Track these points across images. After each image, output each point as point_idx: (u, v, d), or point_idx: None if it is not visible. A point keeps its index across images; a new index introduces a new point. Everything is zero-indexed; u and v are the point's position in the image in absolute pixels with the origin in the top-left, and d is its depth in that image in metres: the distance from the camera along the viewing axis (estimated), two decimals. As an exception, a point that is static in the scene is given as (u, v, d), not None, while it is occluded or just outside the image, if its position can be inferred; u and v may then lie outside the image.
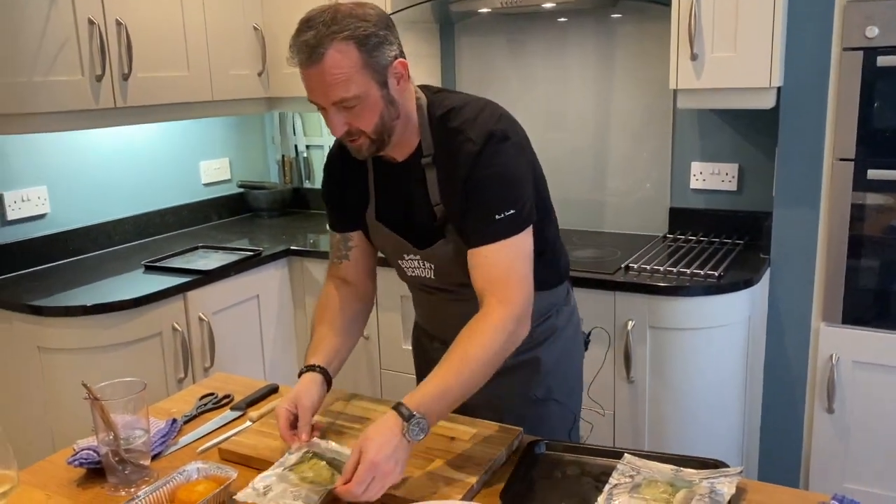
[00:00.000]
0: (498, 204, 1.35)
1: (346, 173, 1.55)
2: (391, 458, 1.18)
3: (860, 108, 2.21)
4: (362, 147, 1.38)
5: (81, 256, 2.87)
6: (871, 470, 2.39)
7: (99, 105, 2.46)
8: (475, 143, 1.37)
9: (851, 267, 2.32)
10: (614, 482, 1.24)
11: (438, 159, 1.42)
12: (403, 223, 1.50)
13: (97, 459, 1.34)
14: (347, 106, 1.31)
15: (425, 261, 1.50)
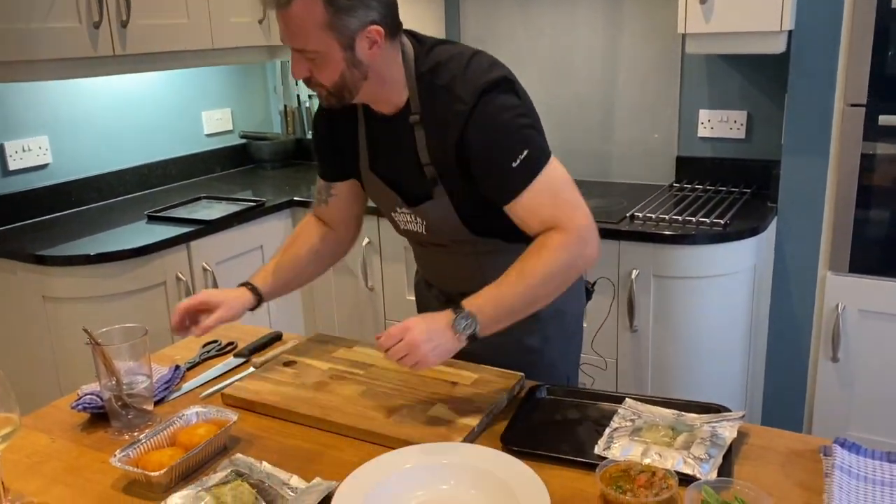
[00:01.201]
0: (509, 153, 1.31)
1: (336, 123, 1.53)
2: (430, 342, 1.23)
3: (873, 51, 2.16)
4: (321, 95, 1.37)
5: (84, 207, 2.86)
6: (874, 417, 2.39)
7: (97, 53, 2.42)
8: (465, 102, 1.31)
9: (860, 215, 2.29)
10: (615, 426, 1.24)
11: (426, 119, 1.37)
12: (394, 177, 1.48)
13: (100, 404, 1.35)
14: (308, 57, 1.29)
15: (417, 216, 1.48)
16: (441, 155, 1.37)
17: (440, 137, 1.36)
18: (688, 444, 1.17)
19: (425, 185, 1.42)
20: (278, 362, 1.52)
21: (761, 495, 1.02)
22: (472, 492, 1.09)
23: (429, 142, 1.38)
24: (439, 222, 1.45)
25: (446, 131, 1.34)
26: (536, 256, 1.30)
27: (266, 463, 1.16)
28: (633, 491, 1.05)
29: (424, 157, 1.39)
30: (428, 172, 1.40)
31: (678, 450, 1.15)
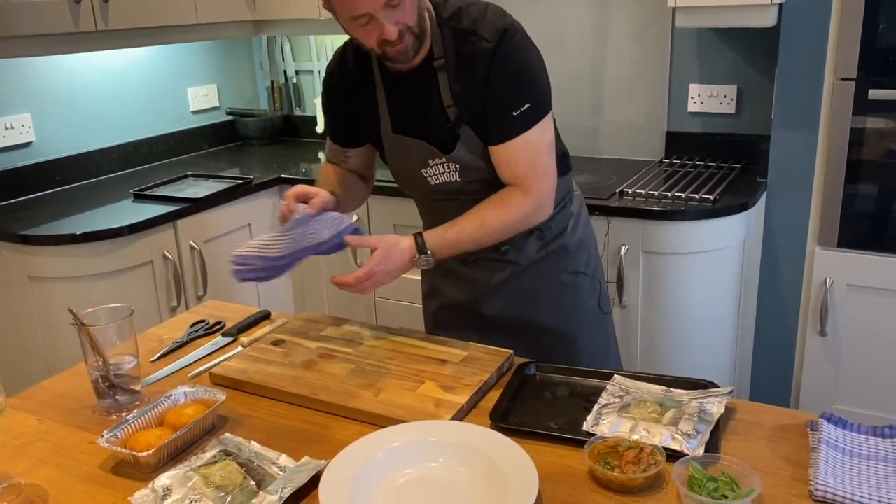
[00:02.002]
0: (514, 100, 1.40)
1: (351, 91, 1.54)
2: (389, 273, 1.41)
3: (863, 26, 2.15)
4: (408, 47, 1.38)
5: (68, 186, 2.83)
6: (861, 391, 2.41)
7: (79, 28, 2.38)
8: (489, 41, 1.39)
9: (849, 190, 2.29)
10: (603, 402, 1.25)
11: (450, 61, 1.43)
12: (423, 130, 1.50)
13: (262, 268, 1.43)
14: (393, 5, 1.31)
15: (451, 162, 1.49)
16: (468, 94, 1.43)
17: (467, 77, 1.42)
18: (676, 420, 1.17)
19: (450, 130, 1.46)
20: (266, 341, 1.51)
21: (748, 470, 1.03)
22: (460, 469, 1.09)
23: (452, 84, 1.43)
24: (471, 163, 1.48)
25: (474, 69, 1.40)
26: (498, 210, 1.45)
27: (255, 442, 1.16)
28: (621, 467, 1.06)
29: (447, 99, 1.44)
30: (451, 114, 1.45)
31: (666, 426, 1.16)
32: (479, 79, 1.40)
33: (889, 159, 2.23)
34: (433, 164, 1.51)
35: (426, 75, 1.45)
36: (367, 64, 1.52)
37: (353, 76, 1.52)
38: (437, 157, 1.50)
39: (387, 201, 2.70)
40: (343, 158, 1.65)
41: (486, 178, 1.50)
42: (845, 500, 1.00)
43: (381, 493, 1.06)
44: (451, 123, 1.46)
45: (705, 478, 1.02)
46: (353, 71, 1.53)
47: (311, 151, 3.35)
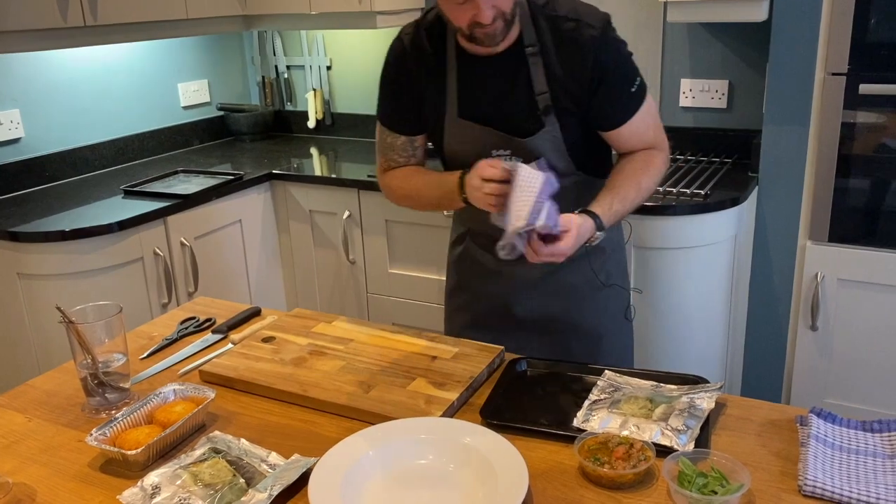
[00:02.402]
0: (629, 78, 1.47)
1: (419, 70, 1.51)
2: (570, 250, 1.33)
3: (854, 20, 2.15)
4: (497, 31, 1.37)
5: (58, 182, 2.81)
6: (852, 385, 2.42)
7: (67, 23, 2.36)
8: (595, 27, 1.42)
9: (840, 185, 2.30)
10: (594, 398, 1.25)
11: (547, 48, 1.44)
12: (491, 120, 1.49)
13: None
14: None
15: (514, 155, 1.49)
16: (570, 80, 1.44)
17: (571, 63, 1.43)
18: (666, 415, 1.17)
19: (534, 117, 1.46)
20: (257, 338, 1.51)
21: (738, 466, 1.03)
22: (450, 466, 1.09)
23: (547, 71, 1.44)
24: (541, 153, 1.47)
25: (579, 56, 1.42)
26: (648, 171, 1.49)
27: (244, 440, 1.15)
28: (610, 463, 1.06)
29: (541, 86, 1.44)
30: (541, 101, 1.45)
31: (656, 421, 1.16)
32: (587, 65, 1.42)
33: (880, 154, 2.23)
34: (496, 155, 1.50)
35: (512, 61, 1.45)
36: (440, 46, 1.49)
37: (422, 59, 1.50)
38: (503, 145, 1.49)
39: (379, 197, 2.69)
40: (412, 151, 1.62)
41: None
42: (834, 494, 1.00)
43: (371, 490, 1.05)
44: (538, 111, 1.46)
45: (695, 473, 1.02)
46: (424, 53, 1.50)
47: (302, 146, 3.34)
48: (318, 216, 2.86)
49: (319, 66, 3.42)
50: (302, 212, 2.88)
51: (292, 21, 3.03)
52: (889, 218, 2.26)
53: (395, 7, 2.88)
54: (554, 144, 1.48)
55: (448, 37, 1.48)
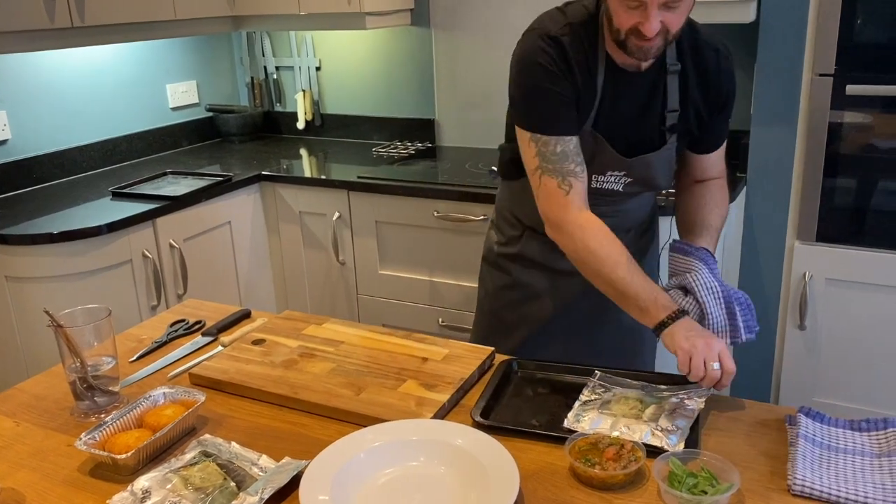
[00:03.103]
0: (731, 111, 1.56)
1: (574, 74, 1.43)
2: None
3: (841, 22, 2.17)
4: (653, 47, 1.35)
5: (46, 184, 2.80)
6: (840, 384, 2.44)
7: (55, 24, 2.35)
8: (730, 59, 1.51)
9: (827, 185, 2.31)
10: (584, 399, 1.25)
11: (688, 69, 1.47)
12: (618, 134, 1.48)
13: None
14: (671, 7, 1.30)
15: (627, 176, 1.52)
16: (705, 104, 1.50)
17: (710, 88, 1.49)
18: (656, 416, 1.18)
19: (659, 133, 1.50)
20: (247, 341, 1.50)
21: (727, 466, 1.04)
22: (441, 468, 1.09)
23: (682, 91, 1.48)
24: (655, 169, 1.52)
25: (718, 84, 1.49)
26: (727, 206, 1.61)
27: (235, 443, 1.15)
28: (601, 464, 1.06)
29: (674, 103, 1.48)
30: (670, 118, 1.49)
31: (646, 422, 1.16)
32: (722, 93, 1.50)
33: (867, 154, 2.25)
34: (610, 174, 1.51)
35: (653, 77, 1.46)
36: (594, 51, 1.43)
37: (578, 59, 1.42)
38: (619, 167, 1.50)
39: (368, 198, 2.69)
40: (583, 156, 1.46)
41: (643, 192, 1.60)
42: (823, 493, 1.01)
43: (362, 492, 1.05)
44: (665, 127, 1.49)
45: (685, 474, 1.03)
46: (581, 54, 1.42)
47: (292, 147, 3.34)
48: (307, 217, 2.85)
49: (309, 67, 3.41)
50: (291, 213, 2.87)
51: (281, 22, 3.03)
52: (876, 218, 2.27)
53: (384, 8, 2.89)
54: (667, 162, 1.54)
55: (599, 42, 1.43)
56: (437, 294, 2.70)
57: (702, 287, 1.31)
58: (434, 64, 3.12)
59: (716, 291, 1.31)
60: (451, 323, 2.68)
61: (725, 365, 1.23)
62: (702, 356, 1.23)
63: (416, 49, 3.16)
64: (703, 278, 1.33)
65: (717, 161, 1.62)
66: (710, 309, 1.31)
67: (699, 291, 1.31)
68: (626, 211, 1.63)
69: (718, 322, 1.32)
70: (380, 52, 3.24)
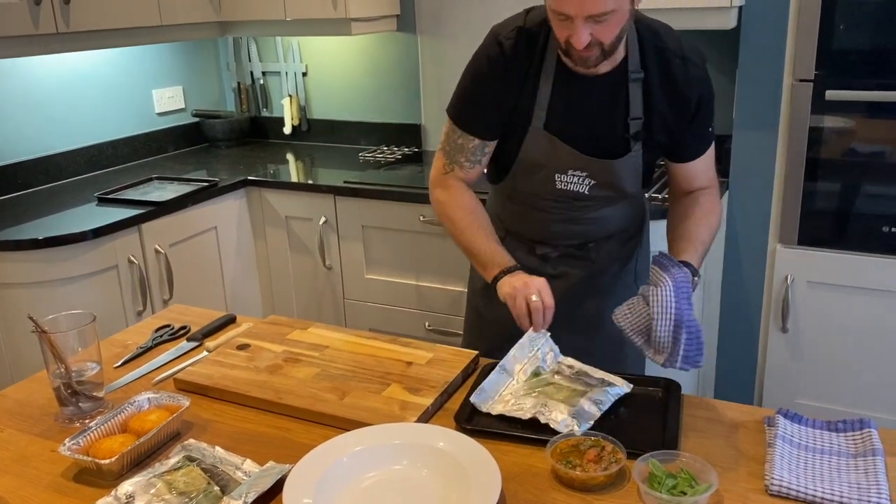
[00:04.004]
0: (711, 119, 1.56)
1: (514, 76, 1.49)
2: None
3: (820, 28, 2.19)
4: (591, 58, 1.38)
5: (31, 190, 2.79)
6: (822, 386, 2.46)
7: (39, 30, 2.35)
8: (699, 66, 1.49)
9: (808, 189, 2.34)
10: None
11: (653, 77, 1.47)
12: (576, 136, 1.50)
13: None
14: (598, 20, 1.31)
15: (590, 178, 1.53)
16: (671, 112, 1.49)
17: (676, 97, 1.48)
18: (575, 401, 1.24)
19: (622, 141, 1.50)
20: (232, 346, 1.51)
21: (706, 467, 1.05)
22: (424, 472, 1.10)
23: (648, 98, 1.47)
24: (619, 175, 1.52)
25: (685, 92, 1.48)
26: (714, 212, 1.58)
27: (219, 448, 1.16)
28: (582, 466, 1.07)
29: (637, 111, 1.48)
30: (633, 126, 1.49)
31: (569, 405, 1.22)
32: (691, 102, 1.49)
33: (846, 158, 2.28)
34: (571, 174, 1.53)
35: (613, 83, 1.47)
36: (541, 55, 1.48)
37: (520, 65, 1.47)
38: (581, 168, 1.52)
39: (355, 202, 2.70)
40: (480, 157, 1.58)
41: (610, 196, 1.58)
42: (799, 493, 1.03)
43: (345, 496, 1.06)
44: (628, 135, 1.49)
45: (665, 475, 1.04)
46: (523, 59, 1.47)
47: (278, 152, 3.34)
48: (294, 222, 2.86)
49: (295, 73, 3.42)
50: (278, 218, 2.88)
51: (267, 27, 3.03)
52: (857, 221, 2.30)
53: (369, 14, 2.90)
54: (633, 169, 1.53)
55: (550, 45, 1.46)
56: (423, 298, 2.71)
57: (657, 303, 1.31)
58: (420, 69, 3.14)
59: (669, 311, 1.30)
60: (437, 327, 2.69)
61: (545, 299, 1.37)
62: (522, 294, 1.38)
63: (402, 55, 3.17)
64: (662, 295, 1.31)
65: (702, 170, 1.60)
66: (657, 325, 1.31)
67: (653, 307, 1.32)
68: (601, 219, 1.62)
69: (661, 340, 1.32)
70: (366, 57, 3.25)
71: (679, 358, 1.31)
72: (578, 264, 1.65)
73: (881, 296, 2.31)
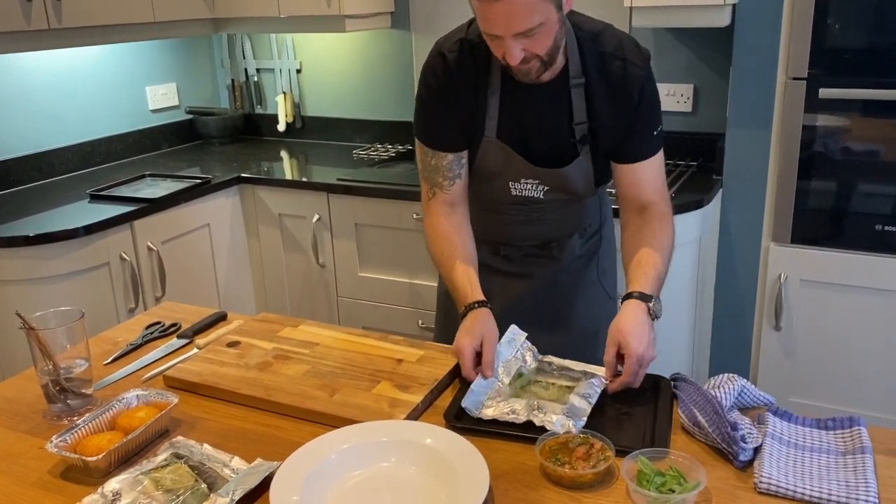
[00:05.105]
0: (654, 121, 1.50)
1: (462, 88, 1.50)
2: (650, 345, 1.31)
3: (814, 26, 2.19)
4: (532, 70, 1.38)
5: (23, 186, 2.78)
6: (815, 384, 2.47)
7: (31, 26, 2.34)
8: (640, 67, 1.45)
9: (801, 187, 2.34)
10: None
11: (592, 81, 1.46)
12: (527, 143, 1.51)
13: None
14: (528, 35, 1.30)
15: (543, 185, 1.53)
16: (613, 115, 1.47)
17: (616, 99, 1.46)
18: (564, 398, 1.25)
19: (570, 146, 1.50)
20: (222, 343, 1.50)
21: (695, 465, 1.05)
22: (412, 469, 1.10)
23: (590, 103, 1.47)
24: (572, 182, 1.53)
25: (626, 92, 1.45)
26: (666, 231, 1.50)
27: (207, 445, 1.15)
28: (571, 463, 1.07)
29: (581, 116, 1.47)
30: (579, 131, 1.48)
31: (562, 405, 1.22)
32: (631, 102, 1.46)
33: (840, 156, 2.28)
34: (524, 182, 1.53)
35: (556, 91, 1.46)
36: (486, 65, 1.48)
37: (467, 76, 1.48)
38: (533, 177, 1.52)
39: (348, 200, 2.69)
40: (458, 170, 1.56)
41: (567, 199, 1.57)
42: (788, 491, 1.03)
43: (333, 493, 1.06)
44: (575, 140, 1.48)
45: (653, 472, 1.04)
46: (469, 70, 1.48)
47: (272, 150, 3.33)
48: (287, 220, 2.85)
49: (289, 70, 3.41)
50: (271, 215, 2.87)
51: (261, 24, 3.03)
52: (850, 219, 2.31)
53: (363, 11, 2.89)
54: (584, 173, 1.53)
55: (494, 57, 1.45)
56: (416, 296, 2.71)
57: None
58: (414, 67, 3.13)
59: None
60: (430, 325, 2.68)
61: (484, 351, 1.33)
62: (464, 347, 1.33)
63: (396, 52, 3.16)
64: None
65: (649, 179, 1.52)
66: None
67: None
68: (560, 219, 1.61)
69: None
70: (360, 54, 3.24)
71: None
72: (542, 263, 1.65)
73: (874, 294, 2.32)
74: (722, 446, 1.12)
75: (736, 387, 1.22)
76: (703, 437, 1.16)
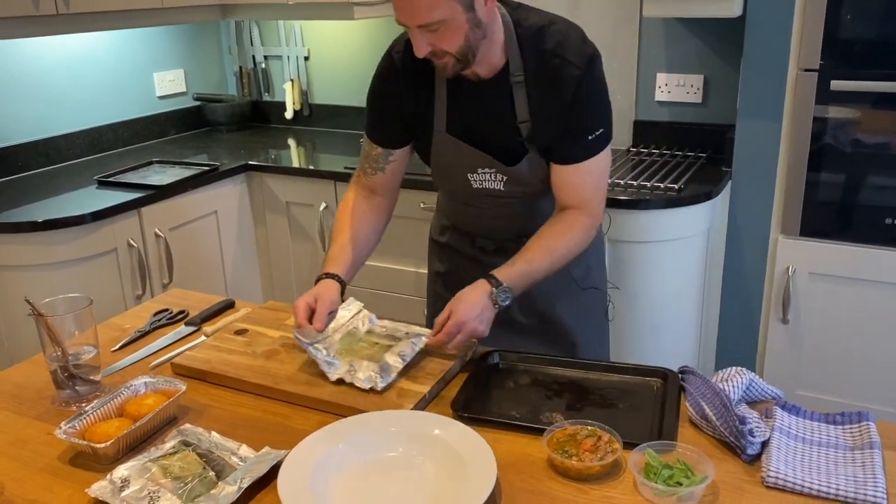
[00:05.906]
0: (592, 124, 1.45)
1: (407, 86, 1.52)
2: (478, 318, 1.35)
3: (826, 17, 2.18)
4: (447, 66, 1.39)
5: (31, 172, 2.78)
6: (822, 377, 2.46)
7: (39, 11, 2.33)
8: (577, 67, 1.41)
9: (811, 180, 2.33)
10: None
11: (530, 79, 1.44)
12: (476, 138, 1.51)
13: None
14: (431, 29, 1.32)
15: (500, 174, 1.52)
16: (546, 114, 1.45)
17: (549, 98, 1.44)
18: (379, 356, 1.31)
19: (518, 144, 1.48)
20: (229, 331, 1.50)
21: (702, 458, 1.05)
22: (419, 459, 1.10)
23: (531, 101, 1.45)
24: (527, 176, 1.51)
25: (560, 92, 1.43)
26: (562, 237, 1.47)
27: (215, 433, 1.16)
28: (578, 455, 1.07)
29: (523, 114, 1.46)
30: (524, 129, 1.47)
31: (370, 361, 1.29)
32: (565, 102, 1.43)
33: (850, 149, 2.26)
34: (481, 172, 1.53)
35: (498, 88, 1.46)
36: (433, 64, 1.46)
37: (412, 75, 1.50)
38: (488, 166, 1.51)
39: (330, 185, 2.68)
40: (383, 165, 1.61)
41: (528, 192, 1.55)
42: (795, 485, 1.02)
43: (341, 482, 1.06)
44: (521, 138, 1.48)
45: (661, 465, 1.04)
46: (414, 69, 1.49)
47: (279, 137, 3.33)
48: (294, 208, 2.85)
49: (297, 57, 3.40)
50: (278, 203, 2.87)
51: (269, 11, 3.01)
52: (859, 213, 2.29)
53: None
54: (538, 170, 1.51)
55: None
56: (423, 285, 2.69)
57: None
58: (422, 55, 3.12)
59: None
60: (437, 314, 2.68)
61: (318, 306, 1.39)
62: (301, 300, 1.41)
63: (404, 40, 3.15)
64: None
65: (573, 185, 1.48)
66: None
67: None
68: (528, 213, 1.60)
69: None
70: (368, 42, 3.23)
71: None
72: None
73: (883, 288, 2.30)
74: (730, 440, 1.12)
75: (744, 380, 1.22)
76: (711, 431, 1.15)
